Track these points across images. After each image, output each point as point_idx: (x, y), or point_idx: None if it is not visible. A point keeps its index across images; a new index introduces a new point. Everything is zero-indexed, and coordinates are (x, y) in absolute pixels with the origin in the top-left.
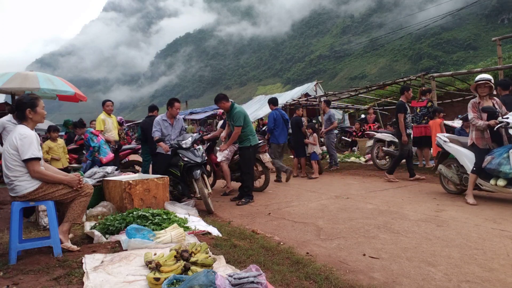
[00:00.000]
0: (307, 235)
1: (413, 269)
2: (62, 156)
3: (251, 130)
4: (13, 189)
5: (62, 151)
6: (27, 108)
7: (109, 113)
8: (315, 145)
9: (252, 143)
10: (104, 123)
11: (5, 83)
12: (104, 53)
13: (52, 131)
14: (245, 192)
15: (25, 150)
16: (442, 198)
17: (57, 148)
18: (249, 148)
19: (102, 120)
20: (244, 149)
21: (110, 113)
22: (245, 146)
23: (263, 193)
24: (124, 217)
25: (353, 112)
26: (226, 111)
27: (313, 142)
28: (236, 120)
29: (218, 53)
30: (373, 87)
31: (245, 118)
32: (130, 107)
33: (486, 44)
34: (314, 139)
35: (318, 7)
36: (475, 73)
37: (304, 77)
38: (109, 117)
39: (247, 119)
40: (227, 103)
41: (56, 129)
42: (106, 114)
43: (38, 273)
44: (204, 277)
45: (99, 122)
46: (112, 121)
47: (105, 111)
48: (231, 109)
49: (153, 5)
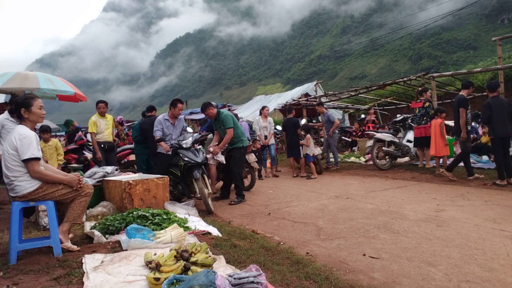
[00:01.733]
0: (307, 235)
1: (413, 269)
2: (51, 157)
3: (242, 131)
4: (13, 189)
5: (53, 152)
6: (21, 108)
7: (102, 114)
8: (308, 146)
9: (244, 144)
10: (96, 125)
11: (5, 83)
12: (104, 53)
13: (42, 132)
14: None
15: (25, 150)
16: (442, 198)
17: (47, 149)
18: (242, 148)
19: (93, 122)
20: (237, 150)
21: (103, 114)
22: (238, 147)
23: (263, 193)
24: (124, 217)
25: (353, 112)
26: (214, 117)
27: (306, 144)
28: (226, 123)
29: (218, 53)
30: (373, 87)
31: (233, 119)
32: (130, 107)
33: (486, 44)
34: (307, 140)
35: (318, 7)
36: (475, 73)
37: (304, 77)
38: (103, 118)
39: (235, 120)
40: (214, 110)
41: (46, 130)
42: (99, 115)
43: (38, 273)
44: (204, 277)
45: (90, 124)
46: (106, 122)
47: (98, 112)
48: (218, 114)
49: (153, 5)
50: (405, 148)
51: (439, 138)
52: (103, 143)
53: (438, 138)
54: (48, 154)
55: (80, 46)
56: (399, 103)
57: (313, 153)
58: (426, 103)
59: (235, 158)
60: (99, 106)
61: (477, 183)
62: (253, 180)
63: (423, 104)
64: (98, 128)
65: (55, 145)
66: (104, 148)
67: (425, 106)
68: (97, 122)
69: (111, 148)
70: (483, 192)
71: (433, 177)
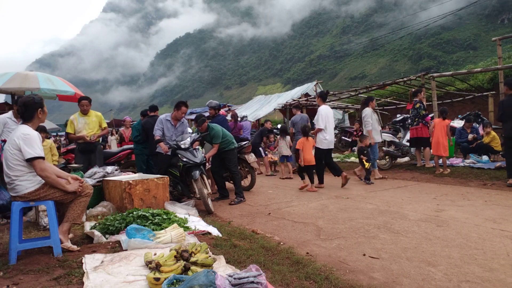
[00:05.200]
0: (307, 235)
1: (413, 269)
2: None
3: (230, 136)
4: (13, 188)
5: (48, 153)
6: (39, 108)
7: (84, 112)
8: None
9: (236, 145)
10: (73, 124)
11: (5, 83)
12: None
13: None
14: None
15: (30, 149)
16: (442, 198)
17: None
18: (234, 149)
19: (70, 121)
20: (230, 152)
21: (85, 112)
22: (231, 148)
23: (263, 193)
24: (124, 217)
25: (353, 112)
26: (205, 131)
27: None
28: (216, 138)
29: (218, 53)
30: (373, 87)
31: (222, 132)
32: (130, 107)
33: (486, 44)
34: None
35: (318, 7)
36: (475, 73)
37: (304, 77)
38: (84, 117)
39: (224, 132)
40: (206, 124)
41: (43, 129)
42: (80, 114)
43: (38, 273)
44: (204, 277)
45: (68, 124)
46: (88, 121)
47: (80, 110)
48: (209, 129)
49: (152, 6)
50: (405, 148)
51: (444, 139)
52: (79, 144)
53: (444, 139)
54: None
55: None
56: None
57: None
58: (417, 104)
59: (230, 159)
60: (82, 104)
61: (477, 183)
62: (252, 180)
63: (413, 106)
64: (76, 128)
65: (49, 145)
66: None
67: (416, 107)
68: (75, 121)
69: (91, 149)
70: (483, 192)
71: (433, 177)
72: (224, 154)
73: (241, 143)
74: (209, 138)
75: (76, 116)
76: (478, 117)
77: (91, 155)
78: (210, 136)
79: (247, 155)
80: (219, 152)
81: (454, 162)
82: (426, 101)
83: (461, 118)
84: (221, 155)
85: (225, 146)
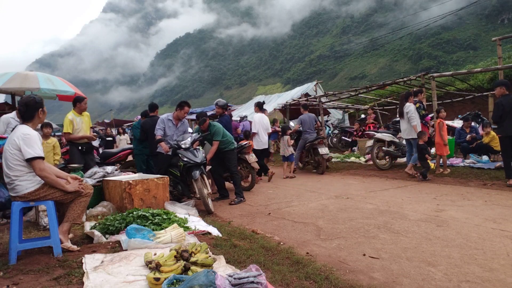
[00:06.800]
0: (307, 235)
1: (413, 269)
2: (47, 156)
3: (230, 136)
4: (13, 188)
5: (50, 151)
6: (39, 108)
7: (82, 111)
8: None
9: (235, 146)
10: (72, 124)
11: (5, 83)
12: (103, 54)
13: (44, 126)
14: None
15: (30, 149)
16: (442, 198)
17: (44, 147)
18: (234, 150)
19: (69, 121)
20: (230, 152)
21: (83, 111)
22: (231, 148)
23: (263, 193)
24: (124, 217)
25: (353, 112)
26: (206, 130)
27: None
28: (217, 135)
29: (218, 53)
30: (373, 87)
31: (223, 132)
32: (130, 107)
33: (486, 44)
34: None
35: (318, 7)
36: (475, 73)
37: (304, 77)
38: (79, 116)
39: (225, 132)
40: (207, 122)
41: (48, 124)
42: (76, 113)
43: (38, 273)
44: (204, 277)
45: (66, 124)
46: (83, 120)
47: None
48: (210, 126)
49: (152, 6)
50: (405, 148)
51: (437, 137)
52: (81, 144)
53: (437, 137)
54: (44, 152)
55: (79, 47)
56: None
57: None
58: (417, 104)
59: (230, 160)
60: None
61: (477, 183)
62: (253, 180)
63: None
64: (75, 128)
65: (53, 143)
66: (82, 150)
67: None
68: (74, 121)
69: (89, 149)
70: (483, 192)
71: (433, 177)
72: (224, 154)
73: (242, 143)
74: (210, 136)
75: (73, 116)
76: (478, 117)
77: (90, 155)
78: (211, 133)
79: (248, 155)
80: (219, 152)
81: (454, 162)
82: (426, 101)
83: (461, 118)
84: (221, 155)
85: (225, 146)
